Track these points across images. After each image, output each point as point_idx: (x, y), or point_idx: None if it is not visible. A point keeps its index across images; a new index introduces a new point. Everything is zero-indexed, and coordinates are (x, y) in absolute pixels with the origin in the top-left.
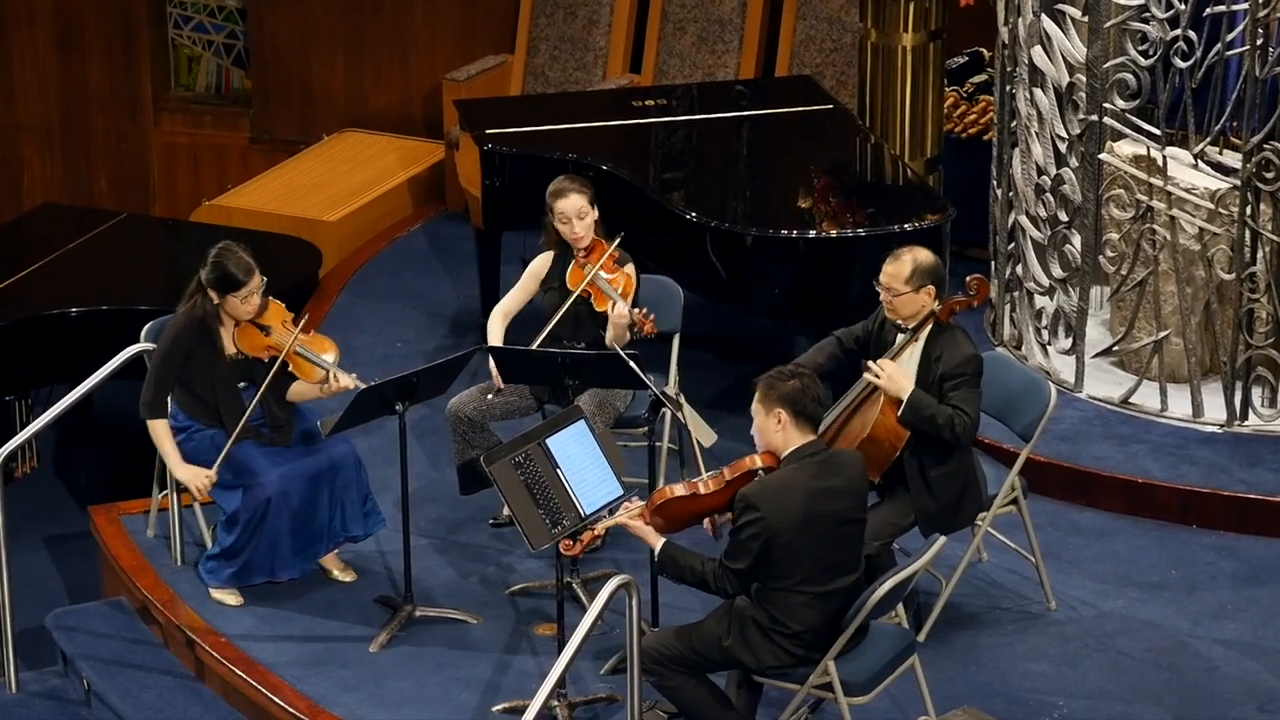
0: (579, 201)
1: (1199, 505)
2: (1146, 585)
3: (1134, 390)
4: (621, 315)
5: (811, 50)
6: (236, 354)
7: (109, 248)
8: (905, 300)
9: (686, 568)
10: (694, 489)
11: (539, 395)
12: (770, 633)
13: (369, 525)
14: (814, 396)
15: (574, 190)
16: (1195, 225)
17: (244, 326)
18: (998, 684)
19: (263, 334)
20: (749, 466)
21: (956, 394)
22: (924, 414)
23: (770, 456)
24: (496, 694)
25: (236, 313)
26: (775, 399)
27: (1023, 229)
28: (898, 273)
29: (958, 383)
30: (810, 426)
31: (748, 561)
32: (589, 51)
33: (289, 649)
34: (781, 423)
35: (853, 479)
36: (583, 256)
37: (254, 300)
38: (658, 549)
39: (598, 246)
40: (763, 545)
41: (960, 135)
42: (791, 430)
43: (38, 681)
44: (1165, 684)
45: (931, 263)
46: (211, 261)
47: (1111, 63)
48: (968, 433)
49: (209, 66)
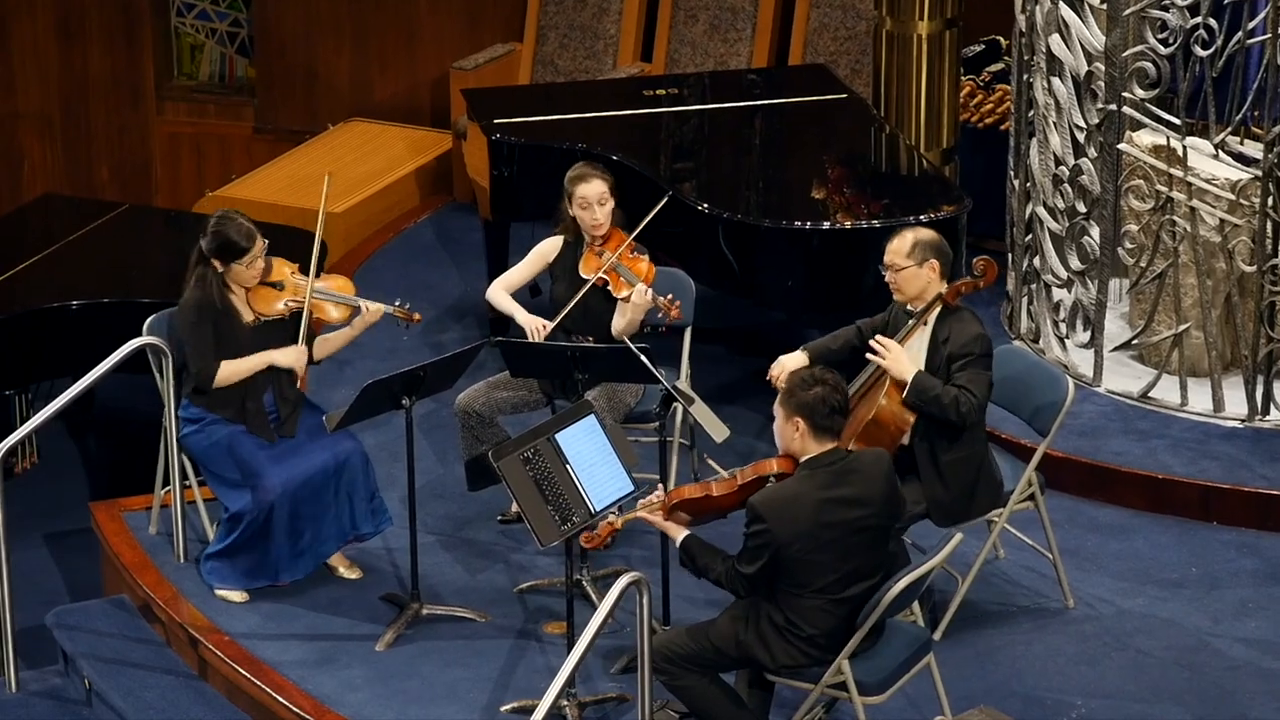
0: (601, 187)
1: (1220, 501)
2: (1166, 583)
3: (1153, 384)
4: (643, 297)
5: (825, 38)
6: (255, 320)
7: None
8: (908, 276)
9: (705, 564)
10: (707, 489)
11: (547, 390)
12: (785, 633)
13: (376, 523)
14: (834, 407)
15: (595, 176)
16: (1216, 216)
17: (255, 290)
18: (1014, 683)
19: (276, 290)
20: (764, 471)
21: (962, 374)
22: (928, 395)
23: (788, 461)
24: (505, 693)
25: (242, 280)
26: (794, 407)
27: (1040, 220)
28: (899, 248)
29: (964, 362)
30: (829, 437)
31: (756, 568)
32: (599, 40)
33: (294, 648)
34: (800, 430)
35: (872, 487)
36: (599, 245)
37: (259, 265)
38: (679, 541)
39: (615, 235)
40: (771, 555)
41: (976, 125)
42: (809, 440)
43: (38, 681)
44: (1185, 683)
45: (933, 238)
46: (211, 231)
47: (1131, 51)
48: (973, 412)
49: (212, 55)
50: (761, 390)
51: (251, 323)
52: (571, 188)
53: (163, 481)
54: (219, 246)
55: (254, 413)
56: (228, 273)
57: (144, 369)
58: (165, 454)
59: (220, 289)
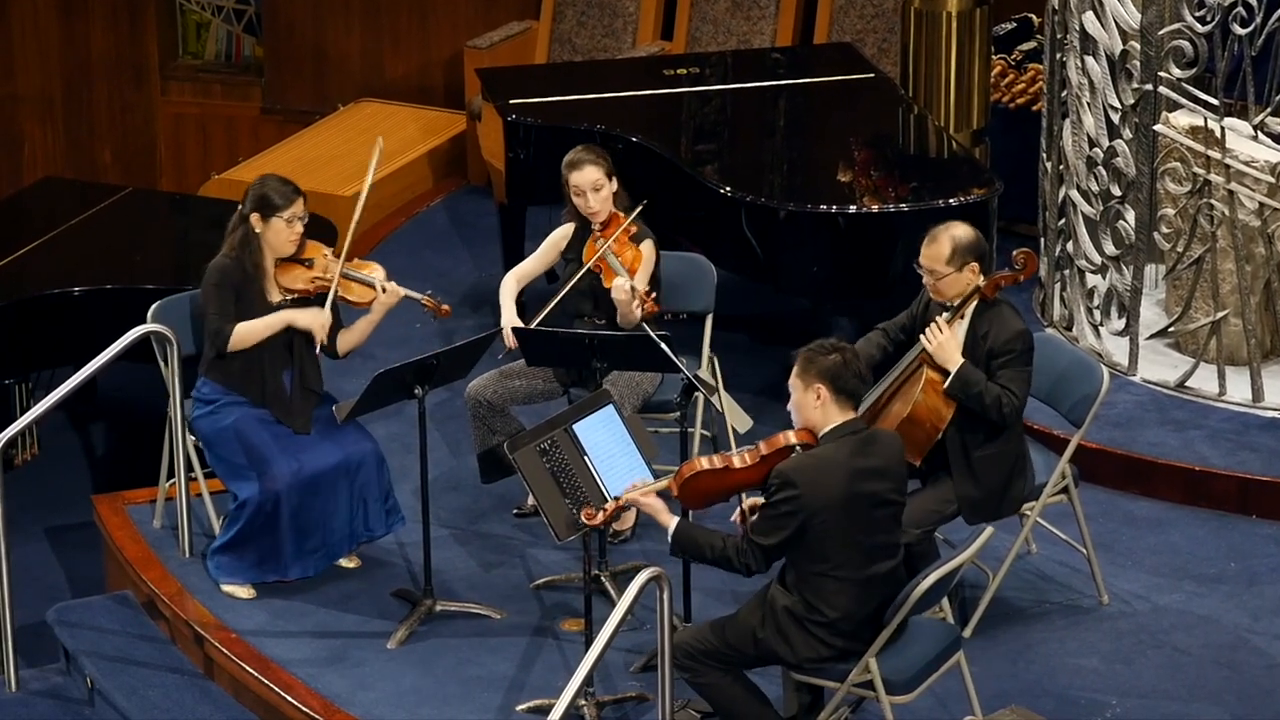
0: (594, 174)
1: (1259, 494)
2: (1204, 578)
3: (1190, 373)
4: (621, 290)
5: (852, 16)
6: (283, 298)
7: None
8: (950, 282)
9: (705, 545)
10: (728, 462)
11: (564, 379)
12: (806, 622)
13: (389, 523)
14: (855, 372)
15: (589, 162)
16: (1255, 200)
17: (285, 265)
18: (1047, 682)
19: (306, 267)
20: (785, 443)
21: (1004, 373)
22: (972, 389)
23: (807, 434)
24: (521, 693)
25: (280, 243)
26: (815, 374)
27: (1074, 204)
28: (937, 254)
29: (1006, 360)
30: (850, 404)
31: (779, 539)
32: (618, 17)
33: (302, 645)
34: (821, 399)
35: (892, 460)
36: (599, 230)
37: (297, 227)
38: (671, 528)
39: (614, 220)
40: (798, 526)
41: (1008, 105)
42: (831, 407)
43: (39, 679)
44: (1224, 682)
45: (971, 238)
46: (252, 189)
47: (1167, 29)
48: (1015, 415)
49: (218, 33)
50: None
51: (276, 301)
52: (566, 174)
53: (167, 474)
54: (259, 199)
55: (274, 393)
56: (266, 230)
57: (148, 357)
58: (170, 445)
59: (255, 253)
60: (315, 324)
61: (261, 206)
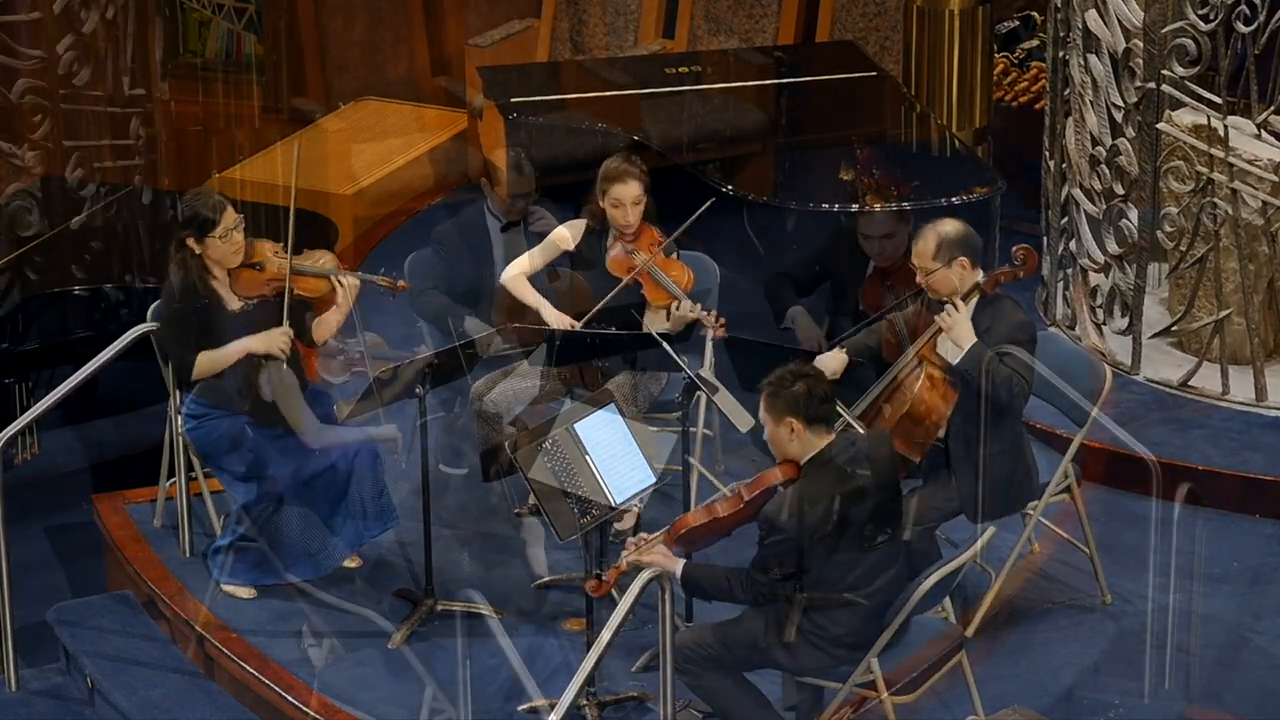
0: (636, 189)
1: (1262, 494)
2: (1207, 578)
3: (1193, 373)
4: (690, 314)
5: (854, 14)
6: (242, 305)
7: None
8: (939, 278)
9: (712, 585)
10: (712, 513)
11: (567, 378)
12: (810, 635)
13: (384, 523)
14: (820, 397)
15: (633, 176)
16: (1258, 199)
17: (238, 272)
18: (1049, 682)
19: (258, 271)
20: (768, 483)
21: (1011, 359)
22: (984, 365)
23: (790, 467)
24: (522, 693)
25: (223, 257)
26: (783, 408)
27: (1076, 202)
28: (924, 250)
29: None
30: (825, 428)
31: (778, 574)
32: (620, 16)
33: (303, 645)
34: (795, 431)
35: (879, 468)
36: (630, 243)
37: (236, 238)
38: (678, 573)
39: (645, 233)
40: (795, 562)
41: (1011, 104)
42: (806, 436)
43: (39, 679)
44: (1227, 682)
45: (957, 233)
46: (181, 210)
47: (1170, 27)
48: (1023, 397)
49: (219, 31)
50: None
51: (237, 310)
52: (606, 185)
53: (168, 473)
54: (188, 221)
55: (258, 403)
56: (206, 251)
57: (148, 356)
58: (170, 444)
59: (201, 273)
60: (274, 347)
61: (197, 229)
